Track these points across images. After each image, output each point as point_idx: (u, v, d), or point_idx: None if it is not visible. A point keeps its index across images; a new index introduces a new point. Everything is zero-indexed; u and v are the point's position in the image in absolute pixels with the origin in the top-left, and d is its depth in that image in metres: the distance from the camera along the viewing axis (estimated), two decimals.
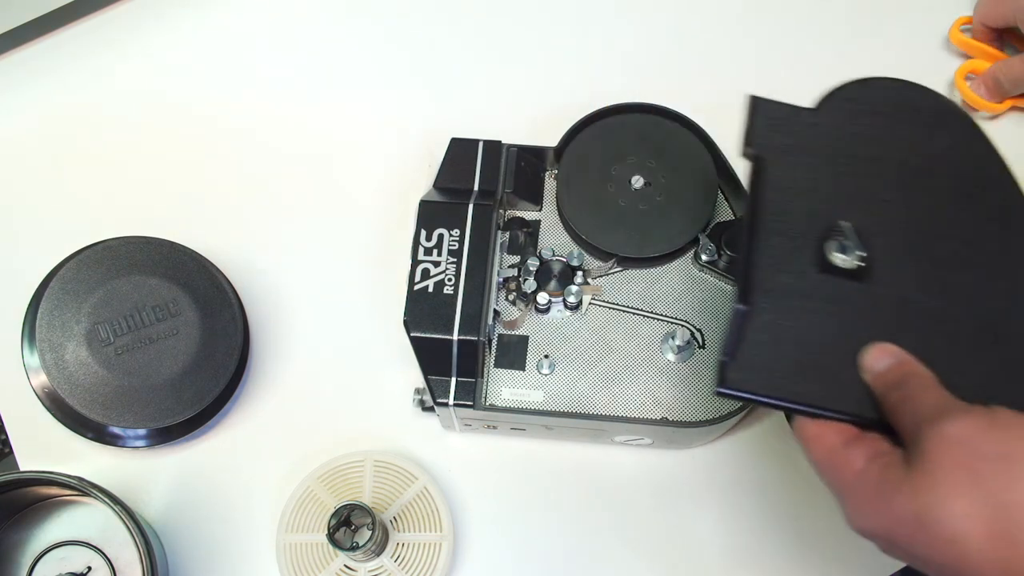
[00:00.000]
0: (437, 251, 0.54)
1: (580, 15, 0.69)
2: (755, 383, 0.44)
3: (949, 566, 0.37)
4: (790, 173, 0.48)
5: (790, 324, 0.45)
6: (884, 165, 0.49)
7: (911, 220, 0.48)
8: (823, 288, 0.46)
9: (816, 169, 0.49)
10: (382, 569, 0.56)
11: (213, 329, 0.58)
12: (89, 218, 0.64)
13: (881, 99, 0.51)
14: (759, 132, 0.49)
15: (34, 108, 0.68)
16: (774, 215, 0.47)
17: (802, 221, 0.47)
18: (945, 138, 0.50)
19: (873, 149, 0.49)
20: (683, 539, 0.59)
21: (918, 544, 0.38)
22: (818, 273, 0.46)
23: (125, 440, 0.59)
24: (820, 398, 0.44)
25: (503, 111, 0.66)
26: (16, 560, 0.57)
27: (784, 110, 0.50)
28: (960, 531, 0.37)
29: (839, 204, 0.48)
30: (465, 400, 0.53)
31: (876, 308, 0.46)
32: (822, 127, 0.50)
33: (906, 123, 0.50)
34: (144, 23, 0.69)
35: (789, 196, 0.48)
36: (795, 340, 0.45)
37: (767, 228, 0.47)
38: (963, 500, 0.37)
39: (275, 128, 0.67)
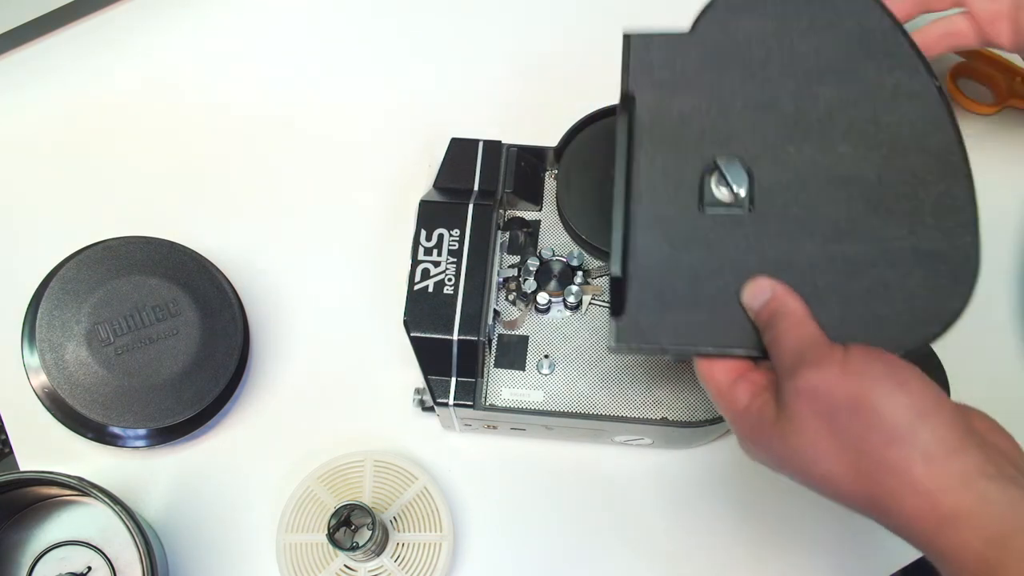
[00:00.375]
0: (437, 251, 0.54)
1: (580, 15, 0.69)
2: (644, 336, 0.45)
3: (827, 495, 0.41)
4: (668, 106, 0.47)
5: (675, 268, 0.45)
6: (768, 74, 0.47)
7: (794, 123, 0.46)
8: (706, 225, 0.45)
9: (697, 96, 0.47)
10: (382, 569, 0.56)
11: (213, 329, 0.58)
12: (89, 218, 0.64)
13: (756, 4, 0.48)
14: (635, 70, 0.48)
15: (34, 108, 0.68)
16: (652, 157, 0.46)
17: (683, 158, 0.46)
18: (829, 16, 0.47)
19: (756, 58, 0.47)
20: (683, 539, 0.59)
21: (797, 476, 0.41)
22: (700, 210, 0.46)
23: (125, 440, 0.59)
24: (709, 340, 0.44)
25: (503, 111, 0.66)
26: (16, 560, 0.57)
27: (658, 39, 0.48)
28: (828, 471, 0.40)
29: (722, 132, 0.47)
30: (465, 400, 0.53)
31: (761, 240, 0.45)
32: (701, 46, 0.48)
33: (788, 14, 0.48)
34: (143, 23, 0.69)
35: (668, 132, 0.47)
36: (682, 284, 0.45)
37: (645, 173, 0.46)
38: (825, 445, 0.39)
39: (275, 128, 0.67)
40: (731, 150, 0.46)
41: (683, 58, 0.48)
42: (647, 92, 0.47)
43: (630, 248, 0.45)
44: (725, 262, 0.45)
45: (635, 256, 0.45)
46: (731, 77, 0.47)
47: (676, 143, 0.47)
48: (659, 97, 0.47)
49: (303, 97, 0.68)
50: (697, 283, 0.45)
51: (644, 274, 0.45)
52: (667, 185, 0.46)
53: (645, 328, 0.45)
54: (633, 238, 0.46)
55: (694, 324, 0.44)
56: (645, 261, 0.45)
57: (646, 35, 0.48)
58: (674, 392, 0.54)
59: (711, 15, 0.48)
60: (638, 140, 0.47)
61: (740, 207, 0.45)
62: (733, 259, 0.45)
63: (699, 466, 0.60)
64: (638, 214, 0.46)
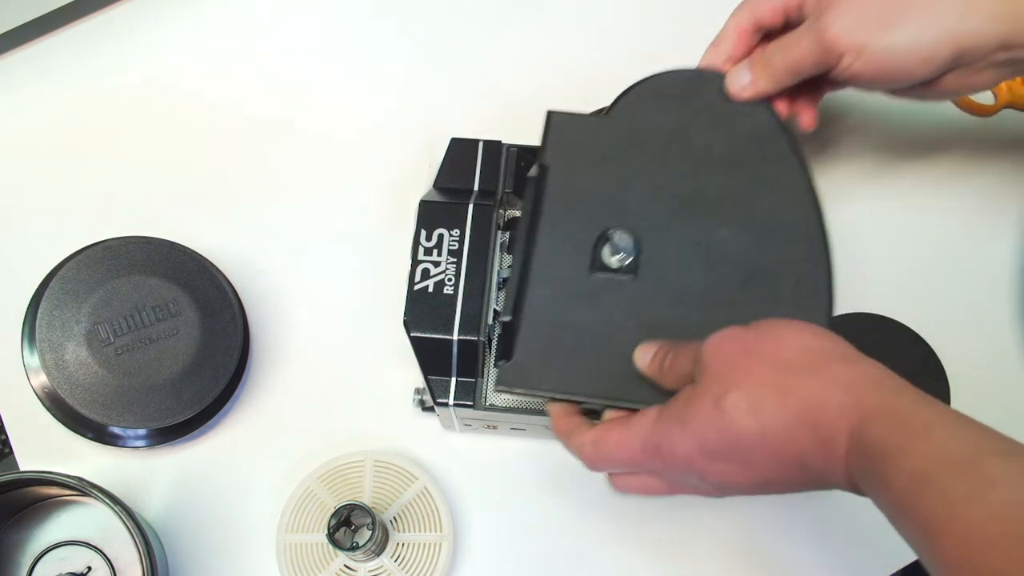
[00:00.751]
0: (437, 251, 0.54)
1: (580, 14, 0.69)
2: (528, 380, 0.49)
3: (753, 435, 0.41)
4: (577, 179, 0.52)
5: (563, 322, 0.50)
6: (667, 160, 0.52)
7: (684, 205, 0.52)
8: (595, 287, 0.50)
9: (603, 173, 0.52)
10: (382, 569, 0.56)
11: (213, 329, 0.58)
12: (89, 218, 0.64)
13: (666, 92, 0.53)
14: (552, 144, 0.53)
15: (34, 108, 0.67)
16: (554, 221, 0.51)
17: (581, 224, 0.51)
18: (726, 116, 0.53)
19: (658, 144, 0.53)
20: (683, 539, 0.59)
21: (726, 434, 0.42)
22: (592, 272, 0.51)
23: (125, 440, 0.59)
24: (587, 389, 0.49)
25: (503, 111, 0.66)
26: (16, 560, 0.57)
27: (577, 119, 0.53)
28: (755, 401, 0.41)
29: (620, 206, 0.52)
30: (465, 400, 0.53)
31: (642, 304, 0.50)
32: (613, 129, 0.53)
33: (690, 110, 0.53)
34: (143, 23, 0.69)
35: (573, 202, 0.52)
36: (568, 336, 0.50)
37: (547, 234, 0.51)
38: (749, 381, 0.42)
39: (275, 128, 0.67)
40: (626, 223, 0.51)
41: (595, 138, 0.53)
42: (560, 164, 0.52)
43: (524, 298, 0.50)
44: (608, 321, 0.50)
45: (528, 306, 0.50)
46: (635, 159, 0.53)
47: (578, 211, 0.52)
48: (570, 169, 0.52)
49: (303, 97, 0.68)
50: (581, 337, 0.50)
51: (534, 323, 0.50)
52: (565, 247, 0.51)
53: (530, 372, 0.49)
54: (528, 290, 0.50)
55: (575, 374, 0.49)
56: (536, 311, 0.50)
57: (566, 114, 0.53)
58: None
59: (624, 104, 0.54)
60: (546, 205, 0.52)
61: (626, 274, 0.51)
62: (615, 319, 0.50)
63: None
64: (536, 269, 0.51)
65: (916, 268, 0.63)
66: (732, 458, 0.43)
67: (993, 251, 0.63)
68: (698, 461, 0.43)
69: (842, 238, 0.63)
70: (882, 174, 0.65)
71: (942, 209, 0.64)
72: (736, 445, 0.42)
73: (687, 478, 0.45)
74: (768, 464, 0.42)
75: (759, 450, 0.42)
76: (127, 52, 0.69)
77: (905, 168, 0.65)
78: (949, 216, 0.64)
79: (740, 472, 0.43)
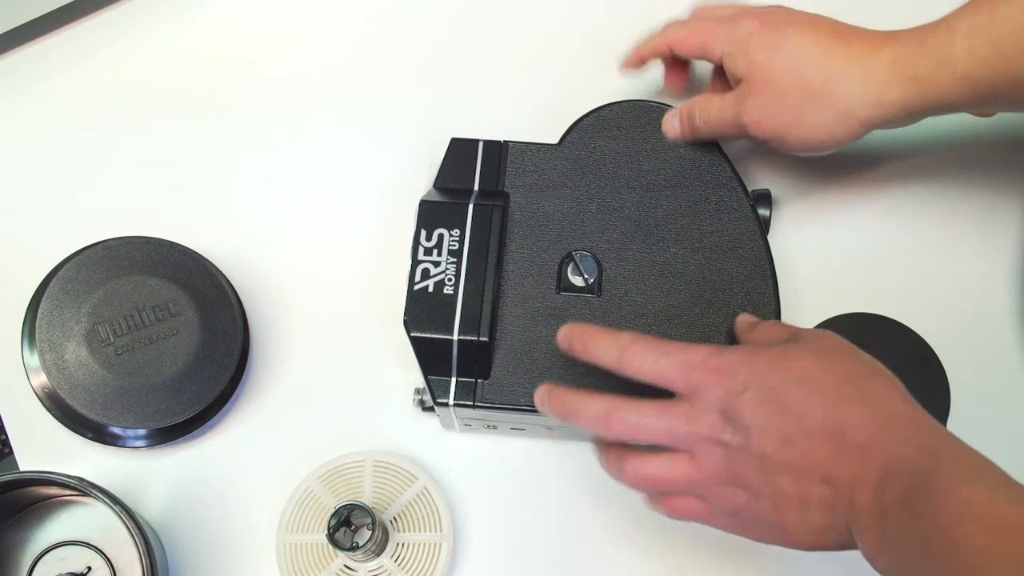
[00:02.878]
0: (437, 251, 0.54)
1: (580, 13, 0.69)
2: (506, 396, 0.53)
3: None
4: (536, 205, 0.56)
5: (534, 339, 0.53)
6: (618, 185, 0.56)
7: (637, 226, 0.56)
8: (562, 305, 0.54)
9: (560, 198, 0.56)
10: (382, 569, 0.56)
11: (213, 329, 0.58)
12: (89, 218, 0.64)
13: (614, 121, 0.58)
14: (511, 173, 0.57)
15: (33, 108, 0.67)
16: (520, 245, 0.55)
17: (545, 248, 0.55)
18: (670, 144, 0.57)
19: (609, 171, 0.57)
20: (683, 539, 0.59)
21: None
22: (559, 292, 0.55)
23: (125, 440, 0.59)
24: None
25: (503, 110, 0.66)
26: (16, 560, 0.57)
27: (532, 150, 0.57)
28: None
29: (579, 229, 0.56)
30: (465, 400, 0.53)
31: (606, 319, 0.54)
32: (565, 158, 0.57)
33: (637, 138, 0.57)
34: (143, 23, 0.69)
35: (535, 226, 0.56)
36: (539, 353, 0.53)
37: (514, 259, 0.55)
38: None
39: (275, 128, 0.67)
40: (585, 245, 0.55)
41: (551, 166, 0.57)
42: (520, 191, 0.56)
43: (498, 320, 0.54)
44: None
45: (502, 327, 0.54)
46: (588, 185, 0.57)
47: (541, 235, 0.56)
48: (529, 196, 0.56)
49: (303, 96, 0.68)
50: (553, 353, 0.53)
51: (509, 342, 0.54)
52: (532, 270, 0.55)
53: (507, 388, 0.53)
54: (501, 311, 0.54)
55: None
56: (510, 332, 0.54)
57: (522, 144, 0.57)
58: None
59: (575, 133, 0.58)
60: (510, 231, 0.56)
61: (590, 292, 0.55)
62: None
63: None
64: (507, 292, 0.54)
65: (916, 268, 0.63)
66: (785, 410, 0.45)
67: (993, 251, 0.63)
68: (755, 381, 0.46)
69: (842, 238, 0.63)
70: (882, 174, 0.65)
71: (942, 209, 0.64)
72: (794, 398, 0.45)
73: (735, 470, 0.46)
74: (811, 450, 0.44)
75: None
76: (127, 53, 0.69)
77: (905, 167, 0.65)
78: (949, 216, 0.64)
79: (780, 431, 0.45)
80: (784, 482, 0.45)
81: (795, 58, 0.53)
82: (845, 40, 0.52)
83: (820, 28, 0.53)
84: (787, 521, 0.45)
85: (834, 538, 0.45)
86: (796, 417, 0.44)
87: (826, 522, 0.44)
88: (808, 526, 0.45)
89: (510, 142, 0.57)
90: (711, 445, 0.46)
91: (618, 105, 0.58)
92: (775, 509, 0.45)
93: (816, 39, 0.53)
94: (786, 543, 0.47)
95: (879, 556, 0.42)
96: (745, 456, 0.45)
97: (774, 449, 0.45)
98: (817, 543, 0.46)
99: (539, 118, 0.63)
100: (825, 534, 0.45)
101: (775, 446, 0.45)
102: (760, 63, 0.53)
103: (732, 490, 0.46)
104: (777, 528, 0.46)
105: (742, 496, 0.46)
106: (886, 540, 0.41)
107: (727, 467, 0.46)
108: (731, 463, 0.46)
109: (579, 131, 0.58)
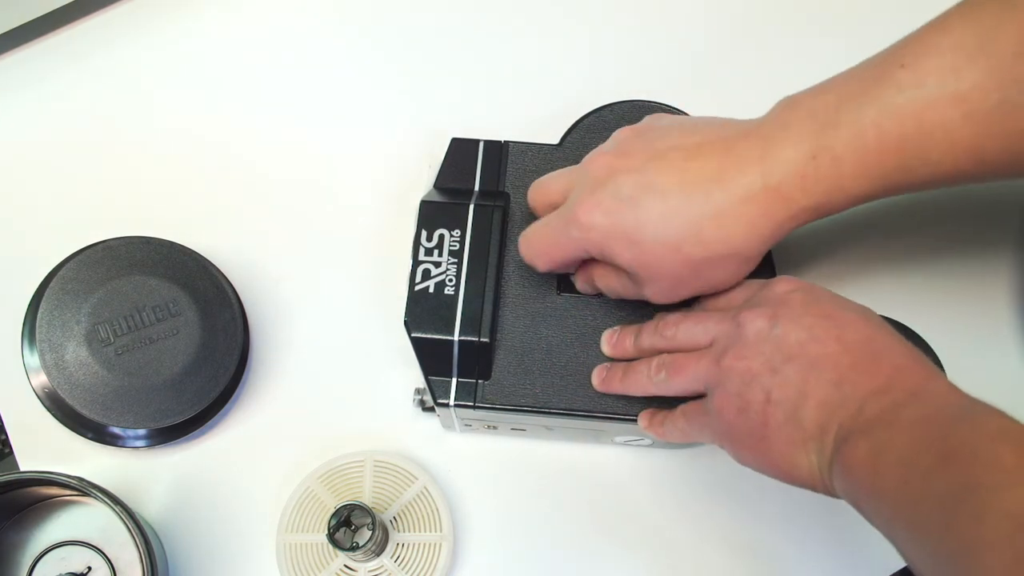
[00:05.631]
0: (438, 251, 0.54)
1: (580, 13, 0.69)
2: (508, 397, 0.53)
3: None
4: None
5: (535, 340, 0.53)
6: None
7: None
8: (562, 306, 0.54)
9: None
10: (382, 569, 0.56)
11: (213, 329, 0.58)
12: (89, 218, 0.64)
13: (614, 122, 0.57)
14: (511, 173, 0.57)
15: (34, 108, 0.67)
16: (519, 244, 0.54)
17: None
18: None
19: None
20: (683, 539, 0.59)
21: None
22: (559, 293, 0.54)
23: (125, 440, 0.59)
24: (560, 402, 0.53)
25: (504, 110, 0.66)
26: (16, 560, 0.57)
27: (533, 150, 0.57)
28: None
29: None
30: (466, 401, 0.53)
31: (606, 319, 0.54)
32: (565, 159, 0.57)
33: None
34: (144, 23, 0.69)
35: None
36: (539, 354, 0.53)
37: (515, 259, 0.54)
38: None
39: (275, 128, 0.67)
40: None
41: (551, 166, 0.56)
42: (520, 192, 0.56)
43: (499, 321, 0.54)
44: (577, 336, 0.54)
45: (503, 328, 0.54)
46: None
47: None
48: (525, 196, 0.55)
49: (303, 97, 0.68)
50: (554, 353, 0.53)
51: (509, 343, 0.53)
52: (531, 271, 0.54)
53: (508, 389, 0.53)
54: (502, 312, 0.54)
55: (550, 387, 0.53)
56: (511, 333, 0.54)
57: (523, 144, 0.57)
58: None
59: (575, 134, 0.58)
60: (510, 231, 0.55)
61: (590, 293, 0.54)
62: (582, 334, 0.54)
63: (699, 467, 0.60)
64: (507, 293, 0.54)
65: (916, 268, 0.63)
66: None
67: (993, 251, 0.63)
68: None
69: (842, 238, 0.63)
70: None
71: (942, 208, 0.64)
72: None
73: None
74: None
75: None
76: (127, 53, 0.69)
77: None
78: (949, 215, 0.64)
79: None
80: (789, 371, 0.43)
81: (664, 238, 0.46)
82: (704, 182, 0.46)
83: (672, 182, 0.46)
84: (771, 420, 0.43)
85: (807, 458, 0.43)
86: (836, 325, 0.43)
87: (810, 432, 0.42)
88: (790, 431, 0.43)
89: (511, 142, 0.57)
90: (735, 324, 0.45)
91: (618, 105, 0.58)
92: (766, 400, 0.43)
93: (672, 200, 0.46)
94: (759, 455, 0.44)
95: (857, 468, 0.40)
96: (762, 340, 0.44)
97: (796, 339, 0.43)
98: (789, 463, 0.43)
99: (539, 118, 0.63)
100: (800, 449, 0.42)
101: (799, 337, 0.43)
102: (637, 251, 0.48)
103: (731, 369, 0.44)
104: (758, 428, 0.43)
105: (736, 380, 0.44)
106: (883, 451, 0.39)
107: (739, 346, 0.44)
108: (745, 343, 0.44)
109: (579, 131, 0.58)
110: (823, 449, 0.42)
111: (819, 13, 0.69)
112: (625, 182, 0.46)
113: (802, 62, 0.68)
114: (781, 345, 0.43)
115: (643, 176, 0.46)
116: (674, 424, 0.50)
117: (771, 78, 0.60)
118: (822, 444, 0.42)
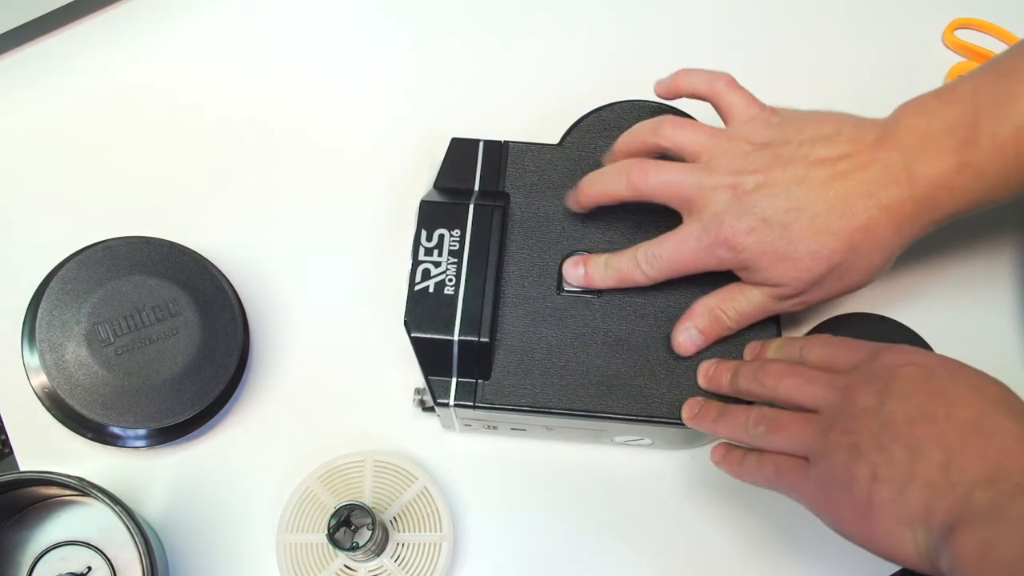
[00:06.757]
0: (438, 251, 0.54)
1: (580, 13, 0.69)
2: (507, 396, 0.53)
3: None
4: (536, 205, 0.56)
5: (534, 340, 0.53)
6: None
7: (637, 227, 0.55)
8: (562, 306, 0.54)
9: (559, 199, 0.56)
10: (382, 569, 0.56)
11: (213, 329, 0.58)
12: (89, 218, 0.64)
13: (614, 122, 0.57)
14: (511, 173, 0.57)
15: (34, 108, 0.67)
16: (520, 245, 0.55)
17: (545, 248, 0.55)
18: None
19: None
20: (683, 539, 0.59)
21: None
22: (558, 293, 0.54)
23: (125, 440, 0.59)
24: (560, 403, 0.53)
25: (504, 110, 0.66)
26: (16, 560, 0.57)
27: (533, 150, 0.57)
28: None
29: (578, 230, 0.56)
30: (466, 401, 0.53)
31: (606, 320, 0.54)
32: (565, 159, 0.57)
33: None
34: (143, 23, 0.69)
35: (535, 227, 0.56)
36: (539, 353, 0.53)
37: (515, 259, 0.55)
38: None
39: (275, 128, 0.67)
40: (586, 245, 0.55)
41: (551, 166, 0.57)
42: (520, 192, 0.56)
43: (498, 321, 0.54)
44: (576, 337, 0.54)
45: (503, 328, 0.54)
46: None
47: (541, 236, 0.56)
48: (529, 196, 0.56)
49: (303, 97, 0.68)
50: (553, 353, 0.53)
51: (509, 343, 0.54)
52: (531, 270, 0.55)
53: (508, 389, 0.53)
54: (502, 312, 0.54)
55: (550, 387, 0.53)
56: (511, 332, 0.54)
57: (522, 144, 0.57)
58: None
59: (575, 134, 0.58)
60: (510, 231, 0.55)
61: (591, 293, 0.55)
62: (582, 334, 0.54)
63: (699, 467, 0.60)
64: (507, 293, 0.54)
65: (916, 268, 0.63)
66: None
67: (993, 251, 0.63)
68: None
69: None
70: None
71: None
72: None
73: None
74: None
75: None
76: (127, 53, 0.69)
77: None
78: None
79: None
80: (896, 450, 0.43)
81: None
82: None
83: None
84: (876, 498, 0.43)
85: (913, 538, 0.42)
86: (946, 403, 0.43)
87: (917, 511, 0.42)
88: (896, 510, 0.42)
89: (510, 142, 0.57)
90: (843, 397, 0.46)
91: (618, 105, 0.58)
92: (872, 478, 0.43)
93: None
94: (861, 530, 0.44)
95: (966, 563, 0.40)
96: (870, 416, 0.44)
97: (905, 417, 0.43)
98: (893, 540, 0.43)
99: (539, 118, 0.63)
100: (906, 528, 0.42)
101: (908, 414, 0.43)
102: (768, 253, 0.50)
103: (837, 443, 0.45)
104: (862, 505, 0.43)
105: (843, 455, 0.44)
106: (991, 548, 0.39)
107: (846, 419, 0.45)
108: (853, 417, 0.45)
109: (579, 131, 0.58)
110: (930, 531, 0.42)
111: (819, 13, 0.69)
112: (771, 205, 0.49)
113: (802, 62, 0.69)
114: (889, 422, 0.44)
115: (790, 199, 0.49)
116: (760, 470, 0.49)
117: (771, 78, 0.60)
118: (929, 526, 0.42)
